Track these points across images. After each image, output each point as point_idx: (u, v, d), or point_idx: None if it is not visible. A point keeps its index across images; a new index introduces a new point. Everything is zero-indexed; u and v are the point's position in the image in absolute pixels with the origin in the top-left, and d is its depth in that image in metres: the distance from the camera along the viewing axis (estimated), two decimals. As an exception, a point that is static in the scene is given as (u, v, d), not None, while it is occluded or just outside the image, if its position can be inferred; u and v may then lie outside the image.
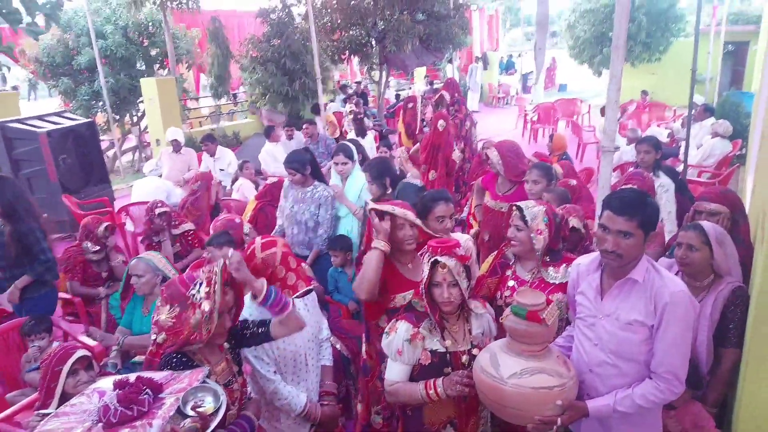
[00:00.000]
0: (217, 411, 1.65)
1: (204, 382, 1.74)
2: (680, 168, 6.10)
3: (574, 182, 4.26)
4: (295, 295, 2.27)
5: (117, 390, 1.58)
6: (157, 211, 4.68)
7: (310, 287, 2.38)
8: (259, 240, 2.34)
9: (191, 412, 1.62)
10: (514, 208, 2.64)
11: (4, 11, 3.66)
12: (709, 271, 2.65)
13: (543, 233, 2.52)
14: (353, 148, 4.17)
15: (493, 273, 2.74)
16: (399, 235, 2.59)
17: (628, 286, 2.05)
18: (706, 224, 2.67)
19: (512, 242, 2.62)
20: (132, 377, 1.64)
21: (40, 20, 4.14)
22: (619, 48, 3.00)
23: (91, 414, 1.55)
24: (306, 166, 4.04)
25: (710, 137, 7.65)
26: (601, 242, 2.03)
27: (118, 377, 1.66)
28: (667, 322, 1.96)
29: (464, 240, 3.08)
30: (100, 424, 1.49)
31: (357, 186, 4.17)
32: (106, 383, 1.69)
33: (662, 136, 9.46)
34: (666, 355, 1.98)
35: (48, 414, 2.27)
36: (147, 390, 1.58)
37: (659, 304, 1.97)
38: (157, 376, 1.70)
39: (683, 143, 6.70)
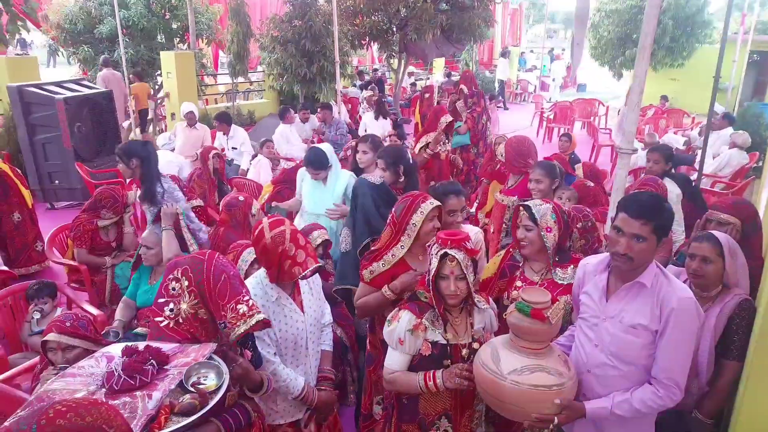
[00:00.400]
0: (218, 389, 1.66)
1: (210, 358, 1.75)
2: (695, 176, 6.03)
3: (591, 183, 4.23)
4: (304, 272, 2.27)
5: (124, 357, 1.60)
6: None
7: (320, 264, 2.37)
8: (266, 220, 2.34)
9: (192, 389, 1.62)
10: (521, 208, 2.62)
11: None
12: (719, 282, 2.63)
13: (552, 230, 2.51)
14: (327, 153, 4.07)
15: (501, 276, 2.72)
16: (428, 226, 2.59)
17: (636, 289, 2.04)
18: (720, 235, 2.64)
19: (522, 243, 2.59)
20: (141, 346, 1.65)
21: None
22: (646, 49, 2.95)
23: (97, 378, 1.56)
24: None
25: (728, 147, 7.56)
26: (613, 244, 2.02)
27: (129, 344, 1.67)
28: (672, 328, 1.95)
29: (474, 233, 3.08)
30: (103, 389, 1.51)
31: (340, 186, 4.10)
32: (116, 349, 1.71)
33: (679, 143, 9.37)
34: (668, 361, 1.97)
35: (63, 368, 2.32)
36: (152, 360, 1.59)
37: (665, 309, 1.96)
38: (166, 347, 1.70)
39: (699, 151, 6.62)
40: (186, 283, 1.82)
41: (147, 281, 3.41)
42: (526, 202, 2.63)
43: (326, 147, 4.12)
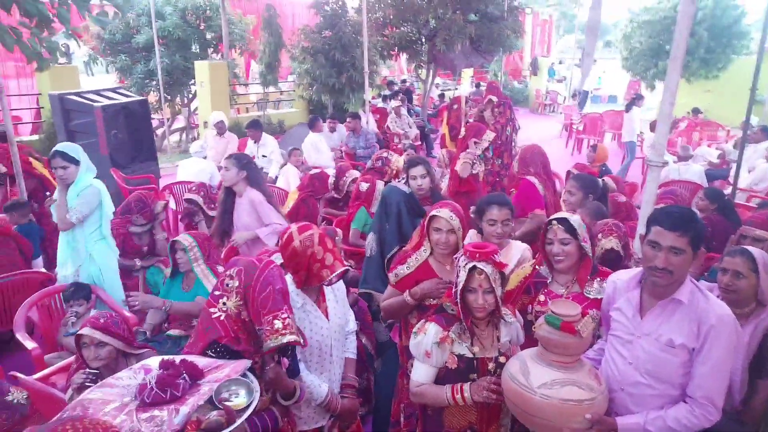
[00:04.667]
0: (246, 408, 1.67)
1: (243, 375, 1.77)
2: (729, 190, 5.89)
3: (624, 198, 4.17)
4: (333, 274, 2.31)
5: (161, 370, 1.63)
6: (185, 196, 4.84)
7: (347, 267, 2.40)
8: (294, 225, 2.38)
9: (220, 406, 1.64)
10: (554, 222, 2.55)
11: None
12: (752, 299, 2.57)
13: (588, 241, 2.49)
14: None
15: (526, 291, 2.66)
16: (434, 237, 2.62)
17: (672, 306, 2.00)
18: (754, 250, 2.59)
19: (558, 258, 2.52)
20: (177, 359, 1.68)
21: (108, 8, 4.30)
22: (677, 59, 2.92)
23: (132, 389, 1.59)
24: None
25: (764, 161, 7.36)
26: (650, 259, 1.98)
27: (166, 357, 1.71)
28: (710, 346, 1.90)
29: (522, 249, 3.05)
30: (136, 401, 1.54)
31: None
32: (154, 361, 1.75)
33: (713, 156, 9.17)
34: (705, 380, 1.92)
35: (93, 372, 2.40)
36: (185, 375, 1.62)
37: (703, 327, 1.92)
38: (202, 362, 1.73)
39: (734, 165, 6.47)
40: (236, 283, 1.91)
41: (180, 286, 3.48)
42: (561, 216, 2.58)
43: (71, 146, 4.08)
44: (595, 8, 17.61)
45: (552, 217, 2.62)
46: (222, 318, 1.87)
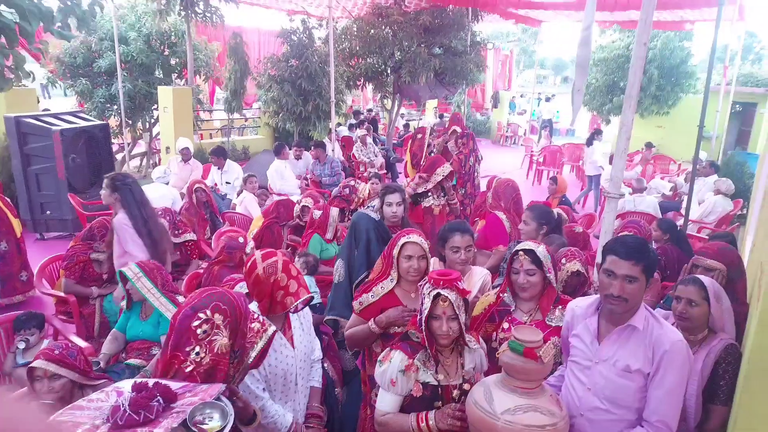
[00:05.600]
0: (221, 429, 1.64)
1: (218, 398, 1.73)
2: (681, 222, 6.14)
3: (580, 229, 4.31)
4: (297, 302, 2.29)
5: (133, 393, 1.59)
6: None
7: (311, 295, 2.39)
8: (258, 252, 2.37)
9: (194, 429, 1.61)
10: (521, 253, 2.59)
11: (43, 10, 3.72)
12: (705, 326, 2.67)
13: (552, 271, 2.55)
14: None
15: (490, 319, 2.71)
16: (404, 265, 2.64)
17: (627, 332, 2.07)
18: (705, 279, 2.69)
19: (523, 287, 2.57)
20: (151, 382, 1.64)
21: (72, 23, 4.22)
22: (632, 98, 3.08)
23: (104, 412, 1.55)
24: None
25: (713, 194, 7.72)
26: (605, 287, 2.05)
27: (139, 380, 1.67)
28: (664, 371, 1.97)
29: (482, 275, 3.11)
30: (108, 424, 1.50)
31: None
32: (127, 384, 1.70)
33: (666, 188, 9.55)
34: (660, 404, 1.99)
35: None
36: (158, 397, 1.58)
37: (657, 352, 1.99)
38: (175, 385, 1.69)
39: (686, 197, 6.76)
40: (221, 318, 1.77)
41: (138, 316, 3.39)
42: (526, 246, 2.62)
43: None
44: (584, 46, 18.28)
45: (518, 247, 2.66)
46: (199, 370, 1.75)
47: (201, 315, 1.76)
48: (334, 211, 4.99)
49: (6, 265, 5.36)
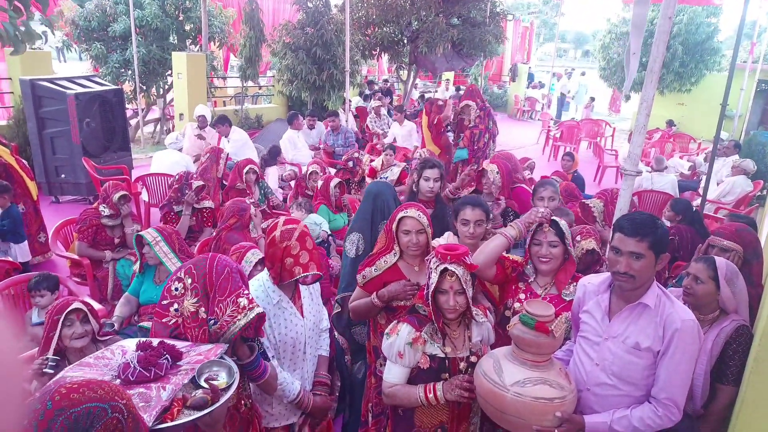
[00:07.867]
0: (228, 387, 1.68)
1: (221, 357, 1.77)
2: (698, 202, 6.05)
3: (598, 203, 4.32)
4: (304, 274, 2.29)
5: (139, 351, 1.63)
6: (194, 183, 4.75)
7: (320, 274, 2.39)
8: (283, 218, 2.40)
9: (204, 384, 1.65)
10: (547, 225, 2.56)
11: None
12: (715, 306, 2.64)
13: (572, 246, 2.54)
14: None
15: (513, 271, 2.67)
16: (404, 240, 2.61)
17: (639, 310, 2.05)
18: (719, 260, 2.66)
19: (543, 259, 2.55)
20: (155, 341, 1.68)
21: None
22: (654, 73, 2.99)
23: (112, 369, 1.60)
24: None
25: (732, 174, 7.58)
26: (613, 264, 2.04)
27: (143, 339, 1.71)
28: (674, 349, 1.96)
29: None
30: (119, 380, 1.54)
31: None
32: (131, 343, 1.74)
33: (684, 167, 9.40)
34: (668, 382, 1.98)
35: (54, 358, 2.35)
36: (166, 355, 1.62)
37: (668, 330, 1.97)
38: (179, 344, 1.73)
39: (704, 177, 6.65)
40: (189, 280, 1.84)
41: (151, 279, 3.42)
42: (554, 218, 2.59)
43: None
44: (642, 4, 17.79)
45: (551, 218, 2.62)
46: (179, 323, 1.83)
47: (179, 274, 1.86)
48: (333, 182, 4.98)
49: (25, 226, 5.44)
